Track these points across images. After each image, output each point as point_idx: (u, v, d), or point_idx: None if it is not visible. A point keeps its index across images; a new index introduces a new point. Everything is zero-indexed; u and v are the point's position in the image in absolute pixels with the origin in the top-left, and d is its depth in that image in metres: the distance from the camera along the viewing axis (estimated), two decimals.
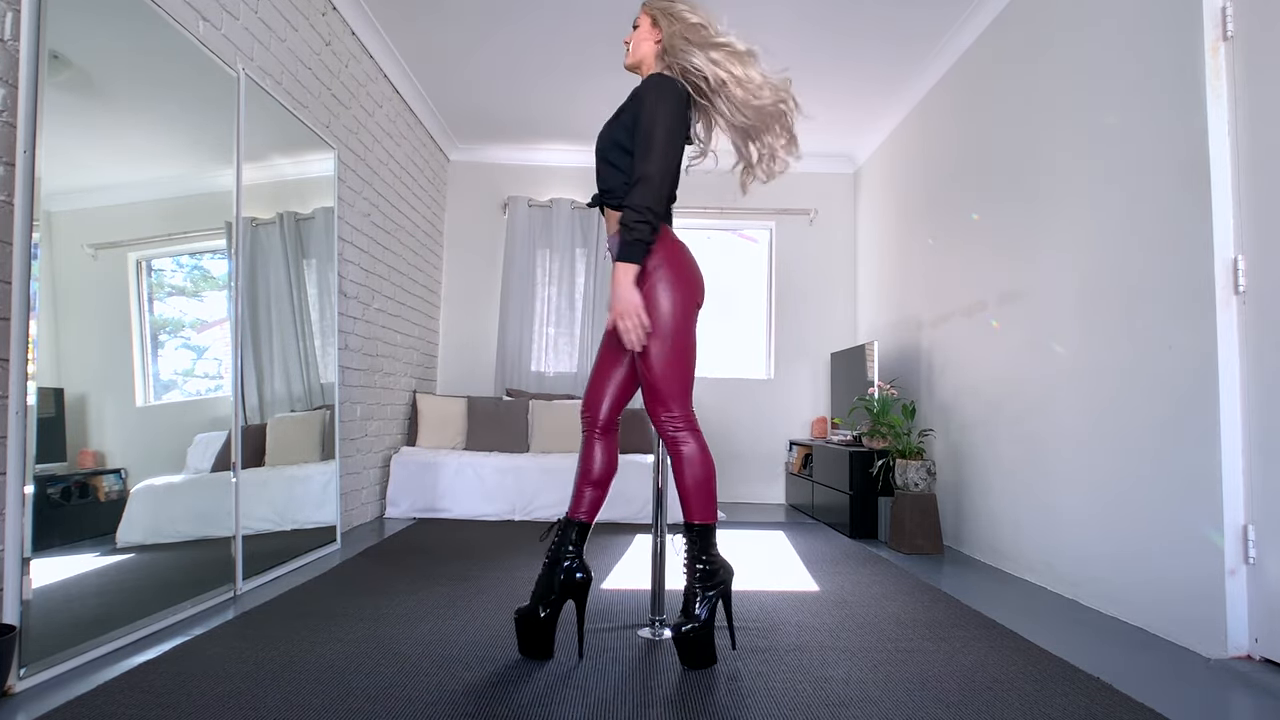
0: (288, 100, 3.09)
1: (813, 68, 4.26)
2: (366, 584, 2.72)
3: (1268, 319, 2.05)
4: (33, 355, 1.77)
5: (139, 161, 2.24)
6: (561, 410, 4.99)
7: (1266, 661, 2.04)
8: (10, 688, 1.67)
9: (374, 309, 4.19)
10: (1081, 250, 2.78)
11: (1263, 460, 2.06)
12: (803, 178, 5.72)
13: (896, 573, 3.07)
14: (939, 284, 4.07)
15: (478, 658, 1.96)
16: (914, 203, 4.52)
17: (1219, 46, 2.20)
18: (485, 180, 5.76)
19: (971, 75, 3.76)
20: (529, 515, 4.35)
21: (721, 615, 2.17)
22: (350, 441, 3.87)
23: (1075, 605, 2.66)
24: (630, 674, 1.87)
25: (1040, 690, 1.79)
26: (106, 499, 2.05)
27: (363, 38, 3.90)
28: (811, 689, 1.79)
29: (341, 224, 3.65)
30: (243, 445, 2.63)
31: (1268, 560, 2.03)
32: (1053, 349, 2.94)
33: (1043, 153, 3.06)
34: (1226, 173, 2.17)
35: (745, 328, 5.85)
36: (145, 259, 2.27)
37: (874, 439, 4.04)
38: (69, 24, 1.91)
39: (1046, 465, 2.96)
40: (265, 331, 2.86)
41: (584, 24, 3.85)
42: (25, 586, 1.73)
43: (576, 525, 2.01)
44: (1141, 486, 2.42)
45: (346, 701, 1.65)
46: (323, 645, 2.03)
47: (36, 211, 1.78)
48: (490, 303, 5.70)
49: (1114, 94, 2.61)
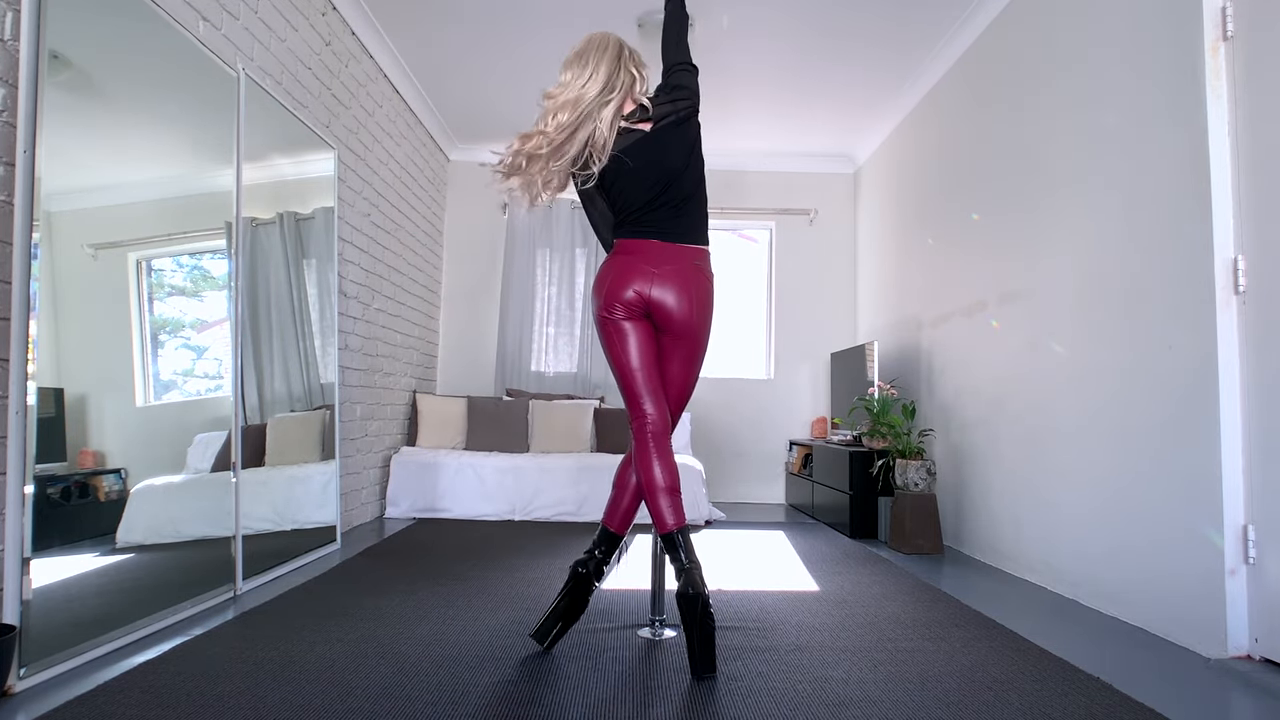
0: (288, 100, 3.09)
1: (813, 68, 4.26)
2: (366, 584, 2.72)
3: (1268, 319, 2.05)
4: (33, 355, 1.77)
5: (139, 161, 2.24)
6: (562, 410, 4.99)
7: (1266, 661, 2.04)
8: (10, 688, 1.67)
9: (374, 309, 4.19)
10: (1081, 250, 2.78)
11: (1263, 460, 2.06)
12: (803, 178, 5.72)
13: (896, 573, 3.07)
14: (939, 284, 4.07)
15: (478, 658, 1.96)
16: (914, 203, 4.52)
17: (1219, 46, 2.20)
18: (485, 180, 5.74)
19: (972, 75, 3.76)
20: (529, 515, 4.35)
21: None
22: (350, 441, 3.87)
23: (1075, 605, 2.66)
24: (630, 674, 1.87)
25: (1040, 690, 1.79)
26: (106, 499, 2.05)
27: (363, 38, 3.90)
28: (811, 689, 1.79)
29: (341, 224, 3.65)
30: (243, 445, 2.63)
31: (1268, 560, 2.03)
32: (1053, 349, 2.94)
33: (1043, 152, 3.06)
34: (1226, 173, 2.17)
35: (745, 328, 5.86)
36: (145, 259, 2.27)
37: (874, 439, 4.04)
38: (69, 24, 1.91)
39: (1046, 465, 2.96)
40: (265, 331, 2.86)
41: (584, 24, 3.85)
42: (25, 586, 1.73)
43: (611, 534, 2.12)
44: (1141, 486, 2.42)
45: (346, 701, 1.65)
46: (323, 645, 2.02)
47: (36, 211, 1.78)
48: (490, 303, 5.70)
49: (1114, 94, 2.61)
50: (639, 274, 2.03)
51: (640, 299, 2.03)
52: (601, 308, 2.06)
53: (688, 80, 2.15)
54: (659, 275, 2.02)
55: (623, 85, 2.04)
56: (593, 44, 2.08)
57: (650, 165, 2.04)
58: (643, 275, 2.02)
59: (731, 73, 4.31)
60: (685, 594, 1.80)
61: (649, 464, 1.98)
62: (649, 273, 2.02)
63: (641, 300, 2.03)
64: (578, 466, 4.40)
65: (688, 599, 1.79)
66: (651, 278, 2.02)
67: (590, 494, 4.34)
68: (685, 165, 2.08)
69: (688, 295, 2.03)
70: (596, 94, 2.00)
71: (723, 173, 5.38)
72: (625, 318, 2.04)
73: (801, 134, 5.28)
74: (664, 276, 2.03)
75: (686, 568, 1.83)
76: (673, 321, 2.04)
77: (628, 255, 2.06)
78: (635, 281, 2.02)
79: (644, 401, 2.05)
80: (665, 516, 1.92)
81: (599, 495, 4.31)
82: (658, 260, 2.04)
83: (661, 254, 2.04)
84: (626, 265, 2.04)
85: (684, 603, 1.80)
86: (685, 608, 1.80)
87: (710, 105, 4.70)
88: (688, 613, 1.80)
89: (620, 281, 2.03)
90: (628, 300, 2.03)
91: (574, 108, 1.99)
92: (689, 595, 1.79)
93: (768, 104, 4.77)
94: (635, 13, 3.73)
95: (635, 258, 2.05)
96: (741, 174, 5.64)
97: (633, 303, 2.03)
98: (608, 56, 2.05)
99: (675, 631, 2.22)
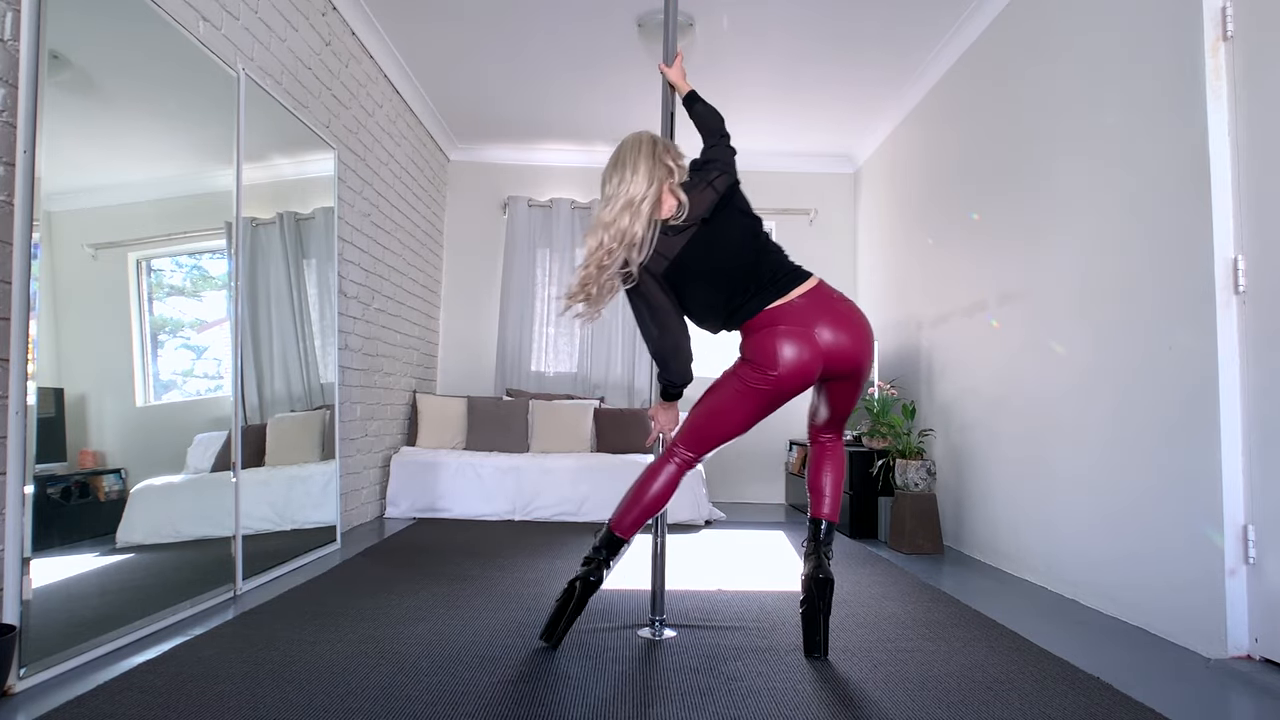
0: (288, 100, 3.09)
1: (813, 68, 4.26)
2: (366, 584, 2.72)
3: (1268, 319, 2.05)
4: (33, 355, 1.77)
5: (139, 161, 2.24)
6: (561, 410, 4.99)
7: (1266, 661, 2.04)
8: (10, 688, 1.67)
9: (374, 309, 4.19)
10: (1081, 250, 2.78)
11: (1263, 460, 2.06)
12: (803, 178, 5.73)
13: (896, 573, 3.07)
14: (939, 284, 4.07)
15: (478, 658, 1.96)
16: (914, 203, 4.52)
17: (1219, 46, 2.20)
18: (485, 180, 5.75)
19: (972, 75, 3.76)
20: (529, 515, 4.35)
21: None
22: (350, 441, 3.87)
23: (1075, 605, 2.66)
24: (630, 674, 1.87)
25: (1040, 690, 1.79)
26: (106, 499, 2.05)
27: (363, 38, 3.90)
28: (811, 689, 1.79)
29: (341, 224, 3.65)
30: (243, 445, 2.63)
31: (1268, 560, 2.03)
32: (1053, 349, 2.94)
33: (1042, 153, 3.06)
34: (1226, 173, 2.17)
35: None
36: (145, 259, 2.27)
37: (874, 439, 4.04)
38: (69, 24, 1.91)
39: (1046, 465, 2.96)
40: (265, 331, 2.86)
41: (584, 23, 3.85)
42: (25, 586, 1.73)
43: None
44: (1141, 486, 2.42)
45: (346, 701, 1.65)
46: (323, 645, 2.03)
47: (36, 211, 1.78)
48: (490, 303, 5.70)
49: (1114, 94, 2.61)
50: (804, 339, 1.92)
51: (819, 358, 1.94)
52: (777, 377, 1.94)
53: (718, 154, 2.14)
54: (820, 325, 1.94)
55: (658, 179, 1.97)
56: (625, 146, 2.04)
57: (725, 257, 1.99)
58: (805, 338, 1.92)
59: (732, 73, 4.31)
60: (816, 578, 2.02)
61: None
62: (806, 334, 1.93)
63: (821, 359, 1.94)
64: (578, 466, 4.40)
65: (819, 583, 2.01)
66: (814, 335, 1.93)
67: (590, 494, 4.34)
68: (747, 238, 2.04)
69: (849, 330, 1.96)
70: (644, 190, 1.94)
71: None
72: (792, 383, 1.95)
73: (801, 134, 5.28)
74: (825, 323, 1.94)
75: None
76: (846, 360, 1.98)
77: (782, 324, 1.94)
78: (808, 345, 1.92)
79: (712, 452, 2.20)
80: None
81: (599, 495, 4.31)
82: (805, 317, 1.95)
83: (805, 309, 1.96)
84: (790, 334, 1.93)
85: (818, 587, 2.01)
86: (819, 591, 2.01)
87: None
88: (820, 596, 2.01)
89: (797, 349, 1.92)
90: (806, 366, 1.93)
91: (629, 209, 1.94)
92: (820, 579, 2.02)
93: (768, 104, 4.77)
94: (635, 13, 3.73)
95: (790, 325, 1.93)
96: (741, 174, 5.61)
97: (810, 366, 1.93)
98: (643, 155, 1.99)
99: (675, 632, 2.22)
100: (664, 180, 1.99)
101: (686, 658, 1.99)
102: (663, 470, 2.08)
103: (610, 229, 1.94)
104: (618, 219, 1.94)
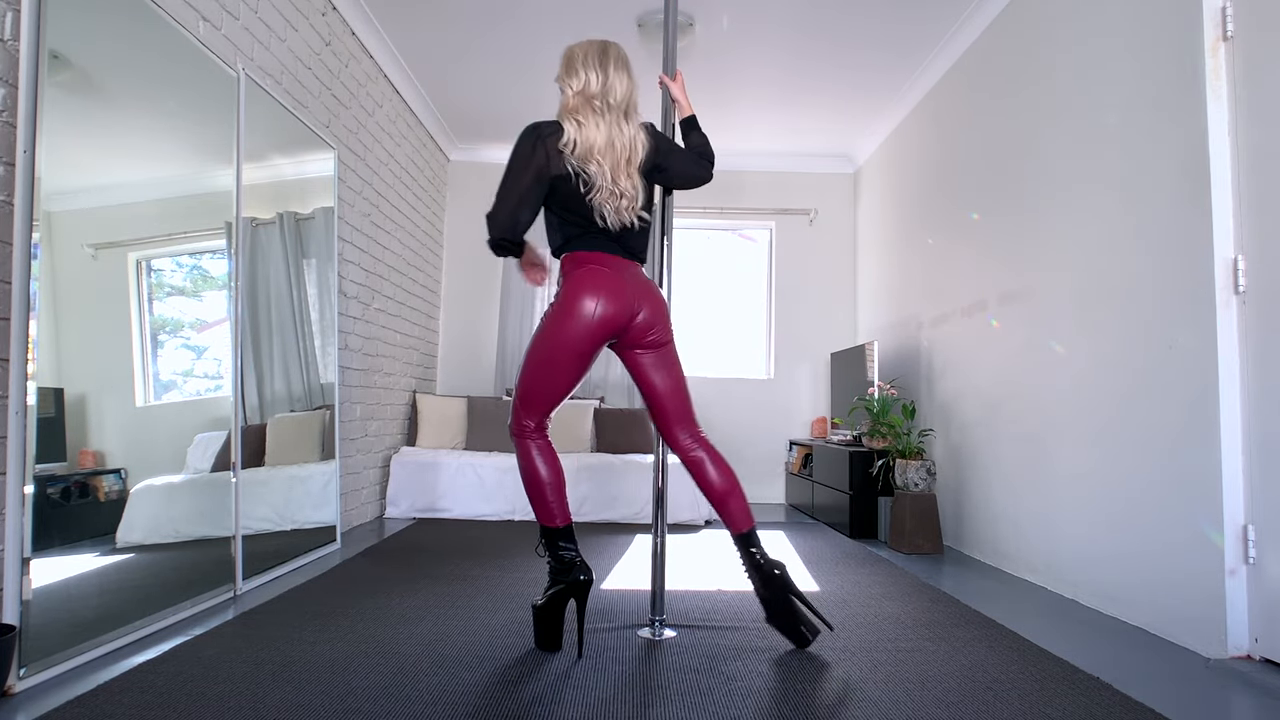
0: (288, 100, 3.09)
1: (813, 68, 4.26)
2: (366, 584, 2.72)
3: (1268, 319, 2.05)
4: (33, 355, 1.77)
5: (139, 161, 2.24)
6: (561, 410, 4.98)
7: (1266, 661, 2.04)
8: (10, 688, 1.67)
9: (374, 309, 4.19)
10: (1081, 250, 2.78)
11: (1263, 460, 2.06)
12: (803, 178, 5.72)
13: (896, 573, 3.07)
14: (939, 284, 4.07)
15: (478, 658, 1.96)
16: (914, 203, 4.52)
17: (1219, 46, 2.20)
18: (485, 180, 5.75)
19: (971, 75, 3.76)
20: (529, 515, 4.35)
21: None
22: (350, 441, 3.87)
23: (1075, 605, 2.66)
24: (630, 674, 1.87)
25: (1040, 690, 1.79)
26: (106, 499, 2.05)
27: (363, 38, 3.90)
28: (811, 689, 1.79)
29: (341, 224, 3.65)
30: (243, 445, 2.63)
31: (1268, 560, 2.03)
32: (1053, 349, 2.94)
33: (1042, 152, 3.06)
34: (1226, 173, 2.17)
35: (745, 328, 5.86)
36: (145, 259, 2.27)
37: (874, 439, 4.04)
38: (69, 24, 1.91)
39: (1046, 465, 2.96)
40: (265, 331, 2.86)
41: (584, 23, 3.85)
42: (25, 586, 1.73)
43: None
44: (1141, 486, 2.42)
45: (346, 701, 1.65)
46: (323, 645, 2.03)
47: (36, 211, 1.78)
48: (490, 303, 5.70)
49: (1114, 94, 2.61)
50: (617, 284, 2.09)
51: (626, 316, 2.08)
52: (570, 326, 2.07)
53: (693, 145, 2.43)
54: (634, 288, 2.11)
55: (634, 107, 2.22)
56: (594, 48, 2.24)
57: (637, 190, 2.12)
58: (619, 285, 2.08)
59: (731, 73, 4.30)
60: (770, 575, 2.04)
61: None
62: (620, 283, 2.09)
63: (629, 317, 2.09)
64: (577, 466, 4.40)
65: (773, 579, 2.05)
66: (624, 286, 2.09)
67: (590, 494, 4.34)
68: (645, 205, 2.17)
69: (650, 301, 2.13)
70: (624, 91, 2.20)
71: (722, 173, 5.34)
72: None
73: (801, 134, 5.28)
74: (636, 290, 2.11)
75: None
76: (646, 324, 2.13)
77: (606, 269, 2.09)
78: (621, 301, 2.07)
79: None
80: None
81: (599, 495, 4.32)
82: (624, 273, 2.11)
83: (629, 270, 2.14)
84: (606, 274, 2.09)
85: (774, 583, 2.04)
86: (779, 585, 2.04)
87: (710, 106, 4.71)
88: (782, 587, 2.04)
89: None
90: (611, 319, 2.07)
91: (625, 109, 2.22)
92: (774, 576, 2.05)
93: (767, 104, 4.77)
94: (635, 13, 3.73)
95: (611, 270, 2.09)
96: (741, 174, 5.63)
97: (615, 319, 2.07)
98: (620, 61, 2.25)
99: (675, 632, 2.22)
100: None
101: (686, 658, 1.99)
102: (531, 453, 2.07)
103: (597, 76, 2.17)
104: (627, 109, 2.21)
